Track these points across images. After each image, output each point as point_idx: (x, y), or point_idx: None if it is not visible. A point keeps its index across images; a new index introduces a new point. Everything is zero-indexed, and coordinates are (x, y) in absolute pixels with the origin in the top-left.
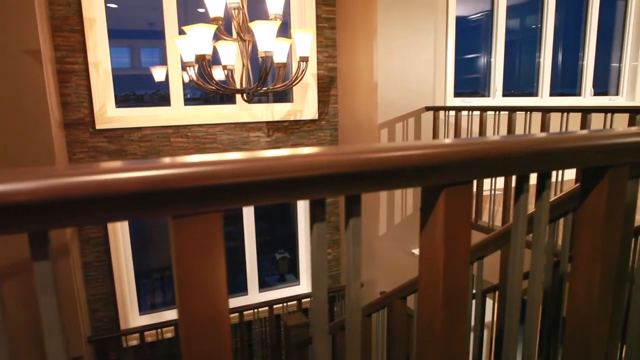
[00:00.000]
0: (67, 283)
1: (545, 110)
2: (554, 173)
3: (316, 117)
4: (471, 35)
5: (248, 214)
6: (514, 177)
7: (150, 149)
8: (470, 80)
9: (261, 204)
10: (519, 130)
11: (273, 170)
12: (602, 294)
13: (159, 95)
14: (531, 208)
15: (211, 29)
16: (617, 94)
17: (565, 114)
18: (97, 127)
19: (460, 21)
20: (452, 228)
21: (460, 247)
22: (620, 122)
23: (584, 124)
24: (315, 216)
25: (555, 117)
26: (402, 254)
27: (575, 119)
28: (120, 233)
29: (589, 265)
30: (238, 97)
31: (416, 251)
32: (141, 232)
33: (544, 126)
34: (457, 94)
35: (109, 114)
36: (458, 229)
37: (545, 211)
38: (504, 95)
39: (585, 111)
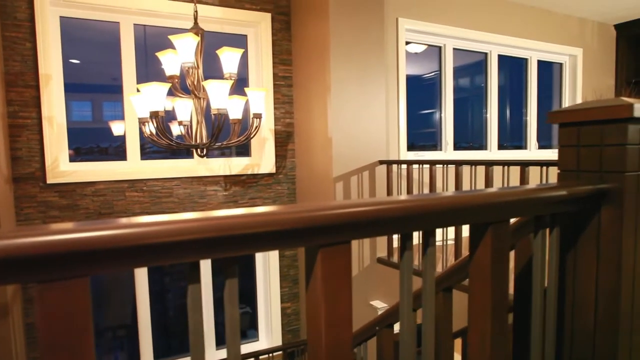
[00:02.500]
0: (4, 346)
1: (488, 164)
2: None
3: (274, 170)
4: (426, 92)
5: (205, 268)
6: (465, 228)
7: (103, 203)
8: (427, 134)
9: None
10: (466, 181)
11: (147, 235)
12: (494, 348)
13: (117, 149)
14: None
15: (165, 87)
16: None
17: (506, 167)
18: (48, 181)
19: (415, 80)
20: (331, 286)
21: (340, 304)
22: (555, 174)
23: (523, 176)
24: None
25: (498, 170)
26: (361, 306)
27: (517, 171)
28: None
29: (481, 317)
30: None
31: (375, 303)
32: (95, 288)
33: (488, 179)
34: (418, 146)
35: (62, 168)
36: (337, 287)
37: (432, 267)
38: (456, 148)
39: (524, 164)
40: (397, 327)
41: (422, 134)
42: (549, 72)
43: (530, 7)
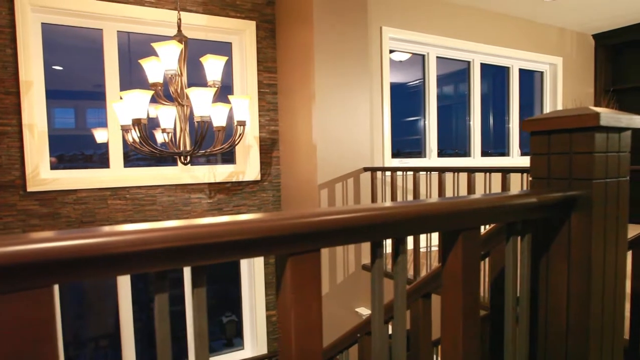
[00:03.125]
0: None
1: (470, 171)
2: None
3: (259, 178)
4: (411, 100)
5: (188, 276)
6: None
7: (85, 211)
8: (412, 141)
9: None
10: (449, 188)
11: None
12: (466, 354)
13: (102, 157)
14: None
15: (147, 94)
16: None
17: (488, 174)
18: (29, 189)
19: (400, 87)
20: (301, 294)
21: (310, 313)
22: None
23: (504, 183)
24: (196, 282)
25: (481, 176)
26: (347, 313)
27: (499, 177)
28: None
29: (453, 324)
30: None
31: (360, 310)
32: (77, 297)
33: (470, 185)
34: (404, 153)
35: (43, 175)
36: (307, 295)
37: (403, 274)
38: (443, 155)
39: (505, 171)
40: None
41: (407, 141)
42: (530, 80)
43: (512, 17)
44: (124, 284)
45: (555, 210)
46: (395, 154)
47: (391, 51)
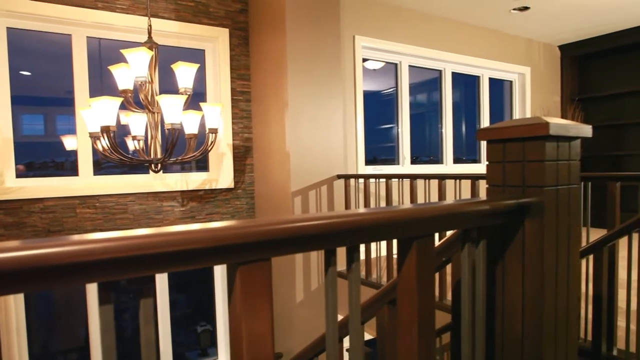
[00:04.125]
0: None
1: (441, 178)
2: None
3: (232, 185)
4: (386, 107)
5: (161, 285)
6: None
7: (53, 220)
8: (387, 148)
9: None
10: (421, 194)
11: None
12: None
13: (74, 164)
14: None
15: (116, 101)
16: None
17: (457, 180)
18: None
19: (375, 95)
20: (250, 304)
21: (260, 322)
22: None
23: (474, 189)
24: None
25: (451, 183)
26: (322, 321)
27: (468, 184)
28: (13, 312)
29: (408, 332)
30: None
31: None
32: (46, 309)
33: (441, 192)
34: (380, 160)
35: (7, 184)
36: (256, 305)
37: (357, 282)
38: (419, 162)
39: (474, 178)
40: (346, 342)
41: (383, 148)
42: (500, 89)
43: (482, 28)
44: (93, 293)
45: (509, 217)
46: (372, 161)
47: (365, 60)
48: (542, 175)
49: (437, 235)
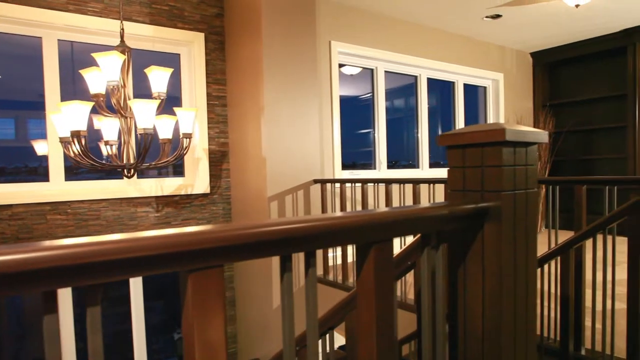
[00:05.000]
0: None
1: (415, 182)
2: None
3: (208, 191)
4: (364, 112)
5: (136, 292)
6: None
7: (22, 227)
8: (365, 152)
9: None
10: (396, 199)
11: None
12: None
13: (47, 169)
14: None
15: (87, 105)
16: None
17: (432, 184)
18: None
19: (353, 100)
20: (202, 312)
21: (212, 330)
22: None
23: (447, 193)
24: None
25: (425, 186)
26: (301, 327)
27: (442, 187)
28: None
29: (367, 336)
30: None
31: None
32: (14, 319)
33: (415, 196)
34: (360, 165)
35: None
36: (209, 312)
37: (313, 287)
38: (398, 166)
39: (447, 182)
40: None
41: (362, 152)
42: (474, 94)
43: (456, 35)
44: (66, 300)
45: (469, 221)
46: (352, 166)
47: (342, 65)
48: (499, 180)
49: (410, 238)
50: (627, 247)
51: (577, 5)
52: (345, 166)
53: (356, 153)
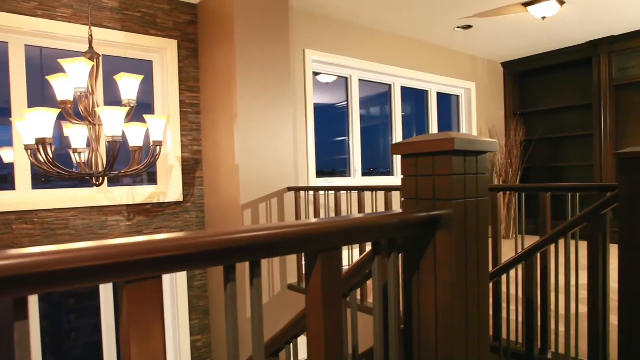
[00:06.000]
0: None
1: (387, 190)
2: None
3: (181, 199)
4: (340, 120)
5: (106, 304)
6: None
7: None
8: (341, 160)
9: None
10: (368, 206)
11: None
12: None
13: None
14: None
15: (53, 112)
16: None
17: None
18: None
19: (329, 108)
20: (139, 324)
21: (149, 342)
22: None
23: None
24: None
25: (397, 194)
26: (271, 335)
27: None
28: None
29: (316, 345)
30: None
31: None
32: None
33: (387, 203)
34: (339, 172)
35: None
36: (146, 325)
37: (258, 297)
38: (373, 173)
39: None
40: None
41: (337, 160)
42: (448, 103)
43: (429, 44)
44: (32, 309)
45: (422, 229)
46: (330, 173)
47: (317, 73)
48: (450, 189)
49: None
50: (587, 252)
51: (543, 18)
52: (322, 173)
53: (333, 160)
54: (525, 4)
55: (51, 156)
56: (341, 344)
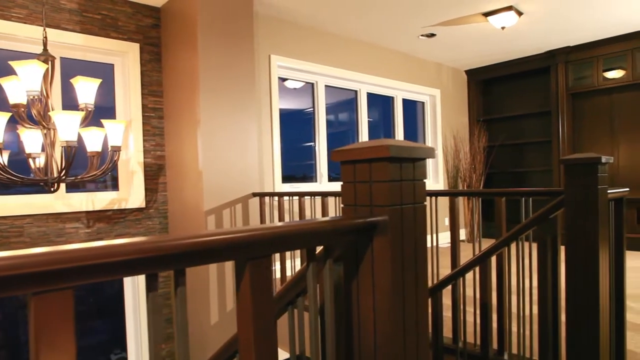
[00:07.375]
0: None
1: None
2: None
3: (144, 205)
4: (307, 126)
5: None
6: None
7: None
8: (309, 165)
9: None
10: (332, 211)
11: None
12: None
13: None
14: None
15: (4, 116)
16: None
17: None
18: None
19: (297, 114)
20: (47, 340)
21: (59, 355)
22: None
23: None
24: None
25: None
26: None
27: None
28: None
29: (247, 353)
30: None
31: None
32: None
33: None
34: (308, 177)
35: None
36: (54, 340)
37: (183, 306)
38: (335, 179)
39: None
40: None
41: (305, 165)
42: (413, 109)
43: (394, 51)
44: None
45: (359, 235)
46: (301, 178)
47: (285, 79)
48: (386, 195)
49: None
50: (537, 254)
51: (503, 28)
52: (294, 179)
53: (302, 166)
54: (486, 14)
55: (2, 162)
56: (275, 354)
